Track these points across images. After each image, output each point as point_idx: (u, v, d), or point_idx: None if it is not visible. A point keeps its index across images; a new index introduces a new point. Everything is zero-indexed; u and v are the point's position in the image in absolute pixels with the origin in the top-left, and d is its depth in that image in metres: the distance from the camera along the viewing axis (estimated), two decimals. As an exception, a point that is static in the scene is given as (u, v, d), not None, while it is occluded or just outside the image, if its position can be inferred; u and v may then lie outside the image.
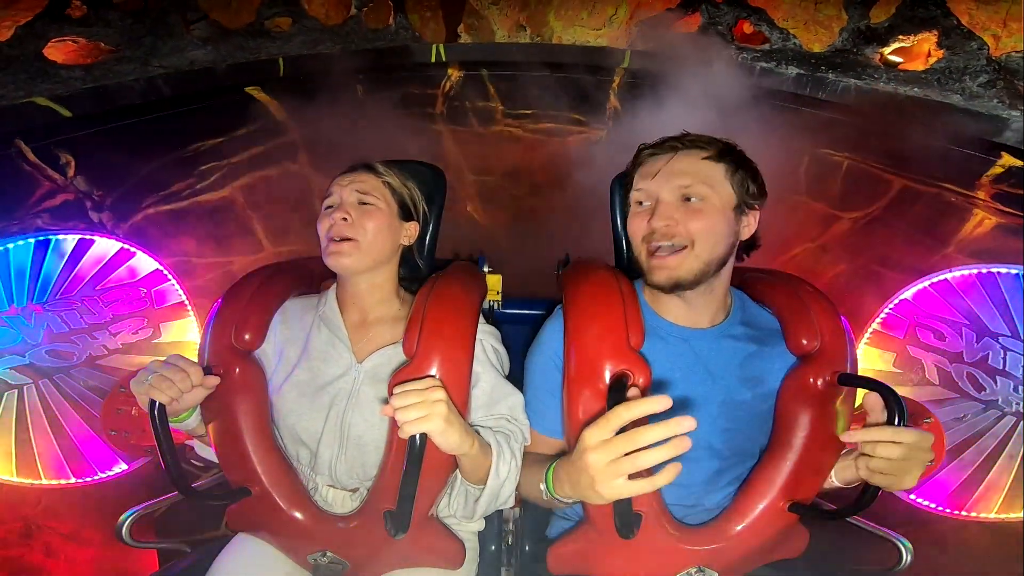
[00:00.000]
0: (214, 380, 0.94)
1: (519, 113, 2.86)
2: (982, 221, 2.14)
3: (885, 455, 0.77)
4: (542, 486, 0.84)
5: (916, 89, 2.26)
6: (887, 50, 2.36)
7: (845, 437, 0.80)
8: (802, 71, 2.50)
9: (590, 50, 2.86)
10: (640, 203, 0.94)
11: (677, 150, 0.93)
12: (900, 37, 2.29)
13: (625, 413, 0.67)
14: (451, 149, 2.83)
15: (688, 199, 0.90)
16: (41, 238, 1.63)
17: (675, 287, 0.89)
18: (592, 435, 0.68)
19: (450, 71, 2.93)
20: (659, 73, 2.65)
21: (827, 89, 2.46)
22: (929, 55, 2.30)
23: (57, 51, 2.23)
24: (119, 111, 2.32)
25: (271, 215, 2.45)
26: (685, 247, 0.89)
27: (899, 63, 2.35)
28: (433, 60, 2.95)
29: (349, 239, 0.99)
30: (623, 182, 1.14)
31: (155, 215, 2.27)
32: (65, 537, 1.66)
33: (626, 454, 0.66)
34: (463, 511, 0.97)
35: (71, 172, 2.15)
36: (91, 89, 2.26)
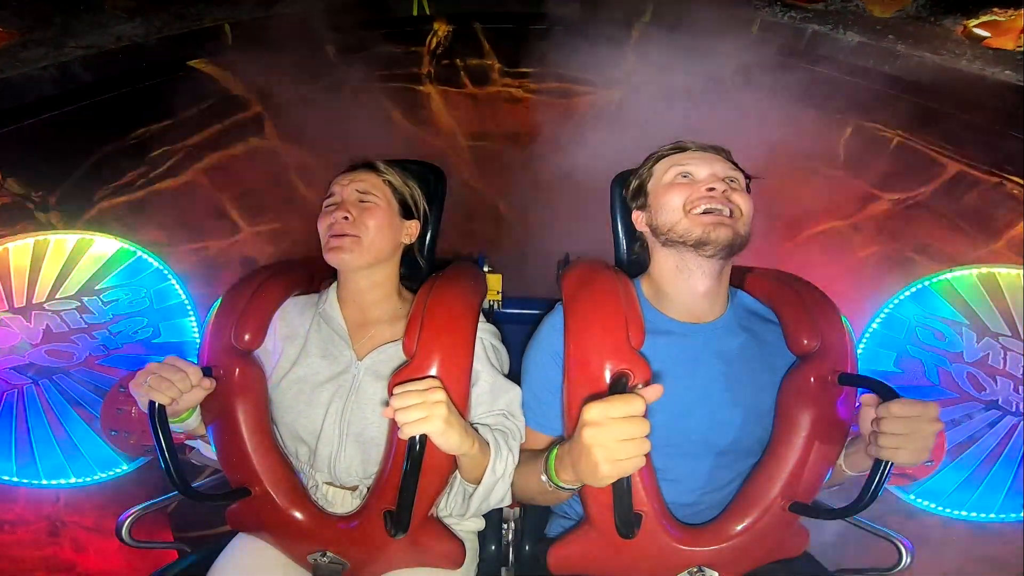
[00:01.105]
0: (213, 381, 0.94)
1: (519, 71, 2.54)
2: (1042, 218, 1.96)
3: (890, 431, 0.79)
4: (543, 477, 0.85)
5: (1008, 72, 1.90)
6: (972, 22, 1.99)
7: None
8: (865, 39, 2.12)
9: None
10: (683, 175, 0.99)
11: (707, 150, 1.01)
12: (995, 10, 1.91)
13: (637, 406, 0.69)
14: (441, 112, 2.55)
15: (731, 180, 0.97)
16: (41, 238, 1.63)
17: (729, 246, 0.92)
18: (600, 411, 0.69)
19: (436, 25, 2.56)
20: (686, 29, 2.30)
21: (895, 62, 2.10)
22: (1023, 31, 1.94)
23: (-56, 42, 1.73)
24: (32, 105, 2.00)
25: (243, 194, 2.29)
26: (734, 215, 0.94)
27: (985, 38, 2.00)
28: (415, 13, 2.53)
29: (350, 235, 0.99)
30: (624, 181, 1.14)
31: (110, 208, 2.13)
32: (90, 530, 1.64)
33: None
34: (458, 509, 0.98)
35: None
36: None
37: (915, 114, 2.18)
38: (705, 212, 0.94)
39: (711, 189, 0.94)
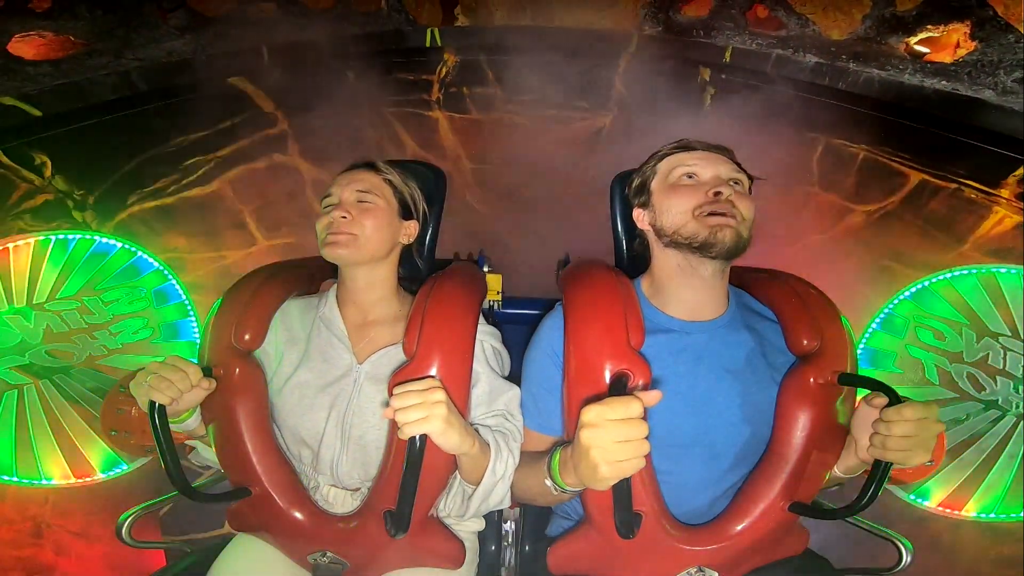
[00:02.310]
0: (213, 381, 0.94)
1: (520, 99, 2.70)
2: (1002, 220, 2.07)
3: (900, 433, 0.79)
4: (548, 482, 0.84)
5: (944, 82, 2.10)
6: (913, 40, 2.20)
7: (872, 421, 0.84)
8: (821, 60, 2.35)
9: (595, 34, 2.69)
10: (688, 176, 0.98)
11: (712, 150, 1.01)
12: (929, 27, 2.11)
13: (635, 408, 0.68)
14: (448, 136, 2.70)
15: (736, 183, 0.97)
16: (41, 238, 1.63)
17: (733, 248, 0.92)
18: (598, 412, 0.68)
19: (446, 56, 2.76)
20: (668, 57, 2.53)
21: (847, 79, 2.33)
22: (958, 46, 2.13)
23: (23, 47, 2.06)
24: (93, 108, 2.21)
25: (263, 207, 2.40)
26: (738, 219, 0.94)
27: (925, 53, 2.20)
28: (428, 44, 2.76)
29: (347, 234, 1.00)
30: (625, 180, 1.14)
31: (141, 212, 2.23)
32: (74, 535, 1.66)
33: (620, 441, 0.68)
34: (457, 509, 0.97)
35: (48, 172, 2.07)
36: (61, 86, 2.11)
37: (872, 128, 2.33)
38: (711, 215, 0.93)
39: (717, 193, 0.94)
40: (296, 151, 2.52)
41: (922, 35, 2.15)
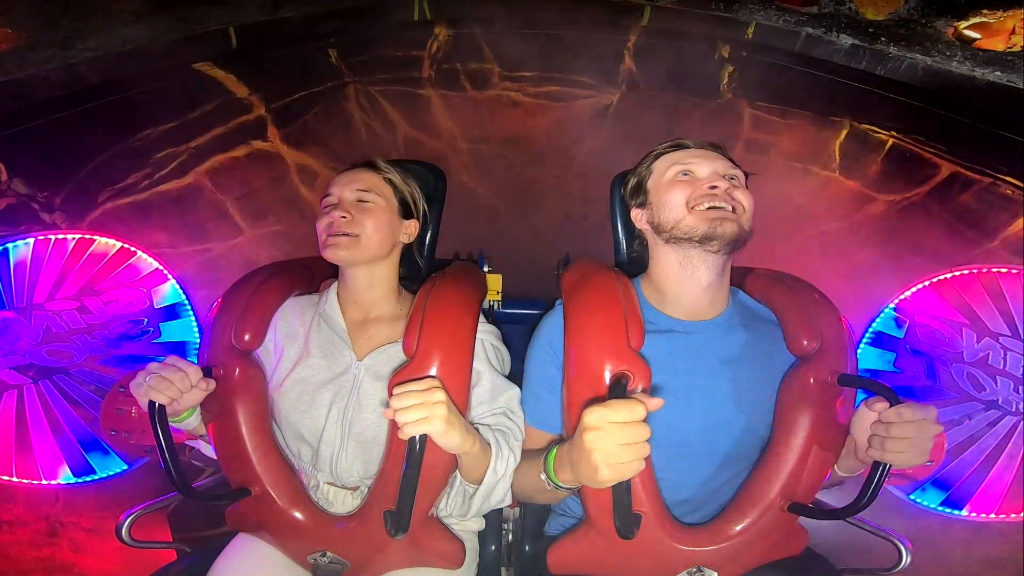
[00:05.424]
0: (212, 381, 0.94)
1: (518, 75, 2.55)
2: (1035, 219, 1.99)
3: (898, 434, 0.79)
4: (543, 475, 0.85)
5: (998, 73, 1.95)
6: (963, 24, 2.06)
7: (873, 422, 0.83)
8: (858, 41, 2.17)
9: (602, 4, 2.52)
10: (684, 173, 0.99)
11: (706, 148, 1.02)
12: (984, 11, 1.98)
13: (638, 412, 0.68)
14: (441, 115, 2.56)
15: (731, 178, 0.98)
16: (41, 238, 1.63)
17: (734, 240, 0.93)
18: (601, 415, 0.68)
19: (436, 30, 2.58)
20: (683, 33, 2.37)
21: (887, 64, 2.15)
22: (1013, 33, 1.99)
23: (-47, 43, 1.77)
24: (42, 105, 2.01)
25: (245, 196, 2.32)
26: (737, 211, 0.94)
27: (976, 39, 2.04)
28: (416, 18, 2.56)
29: (348, 234, 1.00)
30: (625, 180, 1.14)
31: (114, 210, 2.14)
32: (89, 532, 1.66)
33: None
34: (458, 509, 0.98)
35: (3, 176, 1.95)
36: (3, 84, 1.90)
37: (907, 115, 2.21)
38: (709, 209, 0.94)
39: (714, 187, 0.94)
40: (276, 136, 2.41)
41: (973, 19, 2.02)
